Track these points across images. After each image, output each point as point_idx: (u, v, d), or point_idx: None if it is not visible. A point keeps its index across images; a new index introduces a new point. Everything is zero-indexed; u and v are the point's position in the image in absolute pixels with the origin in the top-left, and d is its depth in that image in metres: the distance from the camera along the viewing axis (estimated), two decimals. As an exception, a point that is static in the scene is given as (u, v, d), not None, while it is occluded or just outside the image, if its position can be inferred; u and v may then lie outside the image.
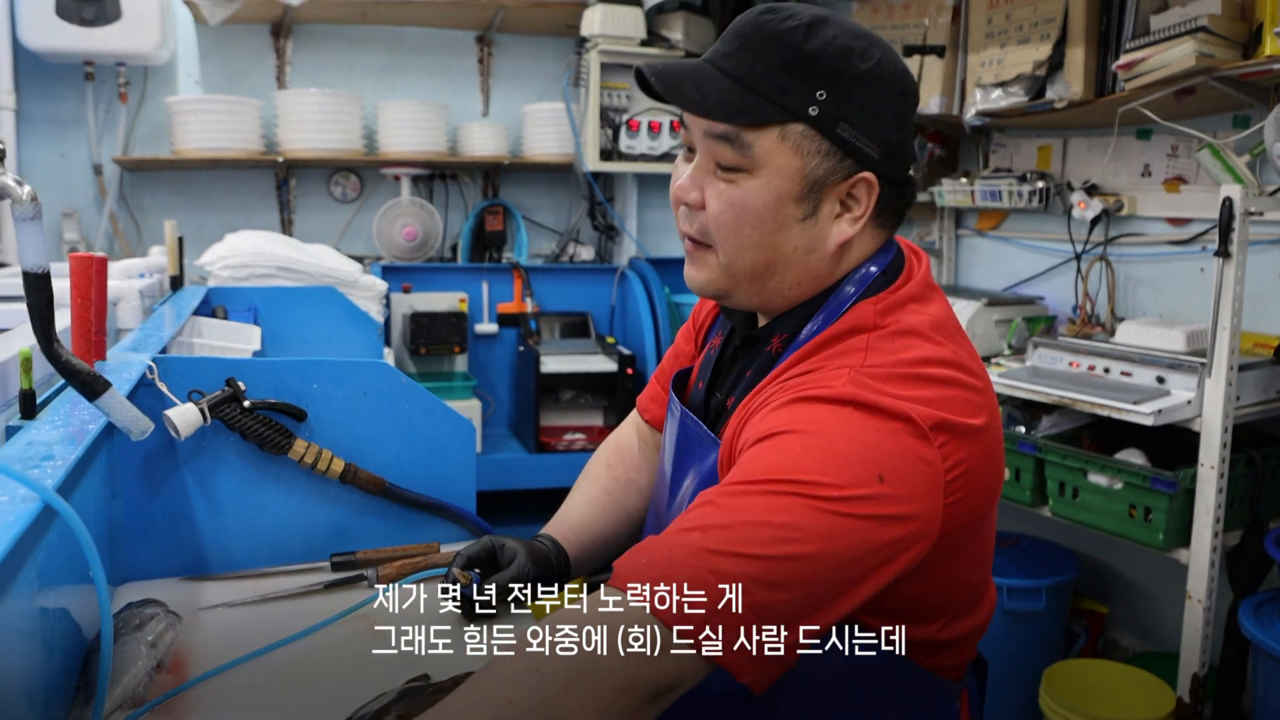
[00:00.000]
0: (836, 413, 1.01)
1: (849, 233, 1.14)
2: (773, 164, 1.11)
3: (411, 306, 3.92)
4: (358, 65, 4.33)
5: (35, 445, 1.07)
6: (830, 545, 0.94)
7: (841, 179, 1.12)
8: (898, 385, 1.03)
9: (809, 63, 1.08)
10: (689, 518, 0.97)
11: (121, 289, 2.07)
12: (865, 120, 1.10)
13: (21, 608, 0.89)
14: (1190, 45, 2.40)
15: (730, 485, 0.98)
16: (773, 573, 0.91)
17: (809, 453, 0.97)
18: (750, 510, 0.94)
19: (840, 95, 1.09)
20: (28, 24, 3.60)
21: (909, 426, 1.00)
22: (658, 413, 1.54)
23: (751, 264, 1.15)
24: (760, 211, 1.12)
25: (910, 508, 0.99)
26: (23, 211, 0.99)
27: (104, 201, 3.98)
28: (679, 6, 4.12)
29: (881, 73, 1.11)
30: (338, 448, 1.64)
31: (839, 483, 0.95)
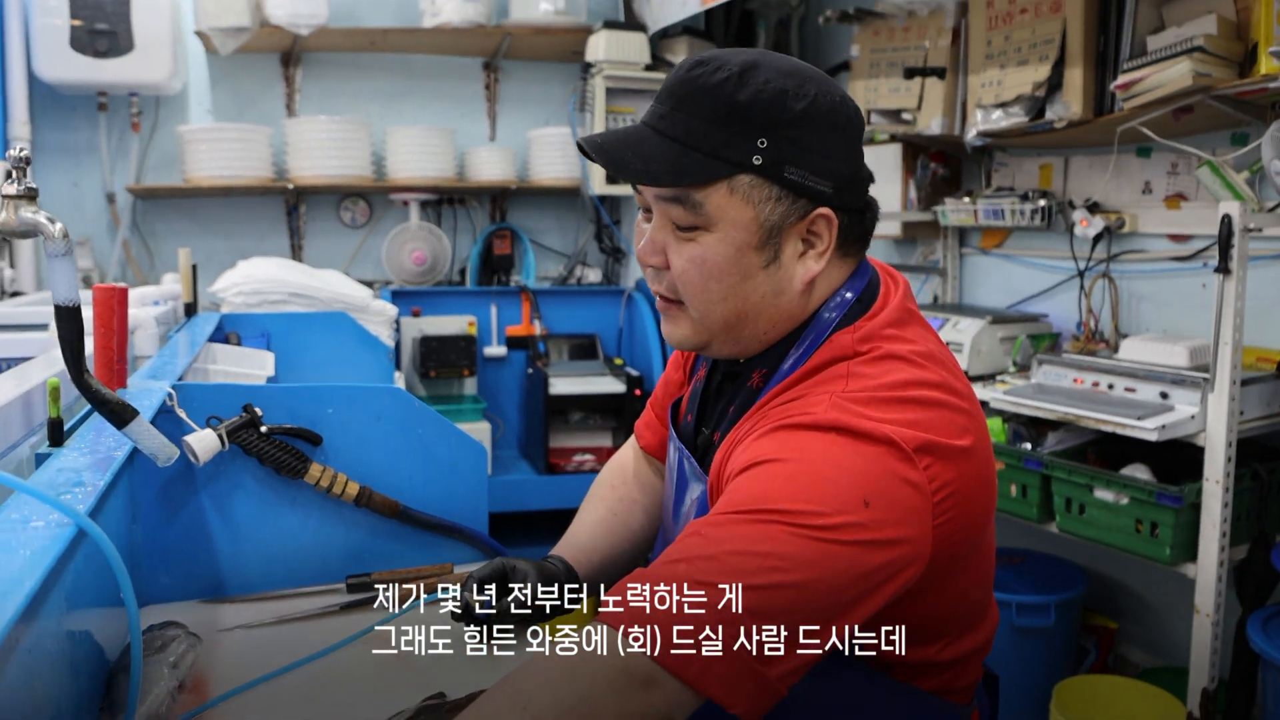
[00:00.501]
0: (819, 439, 1.01)
1: (815, 269, 1.15)
2: (727, 218, 1.10)
3: (421, 330, 3.96)
4: (366, 92, 4.39)
5: (65, 472, 1.10)
6: (817, 573, 0.94)
7: (798, 219, 1.12)
8: (880, 408, 1.04)
9: (745, 113, 1.08)
10: (675, 549, 0.97)
11: (138, 317, 2.11)
12: (811, 158, 1.10)
13: (50, 629, 0.92)
14: (1187, 65, 2.43)
15: (715, 515, 0.99)
16: (759, 602, 0.91)
17: (792, 481, 0.98)
18: (734, 540, 0.94)
19: (781, 139, 1.09)
20: (43, 56, 3.66)
21: (893, 450, 1.00)
22: (650, 439, 1.57)
23: (723, 316, 1.16)
24: (723, 265, 1.12)
25: (898, 531, 0.98)
26: (55, 248, 1.03)
27: (117, 229, 4.04)
28: (682, 31, 4.17)
29: (819, 109, 1.10)
30: (352, 471, 1.67)
31: (823, 510, 0.95)
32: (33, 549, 0.85)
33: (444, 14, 4.05)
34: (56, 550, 0.85)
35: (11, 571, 0.79)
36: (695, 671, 0.89)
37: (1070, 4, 2.81)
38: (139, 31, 3.74)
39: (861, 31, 3.57)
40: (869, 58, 3.52)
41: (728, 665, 0.90)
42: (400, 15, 4.31)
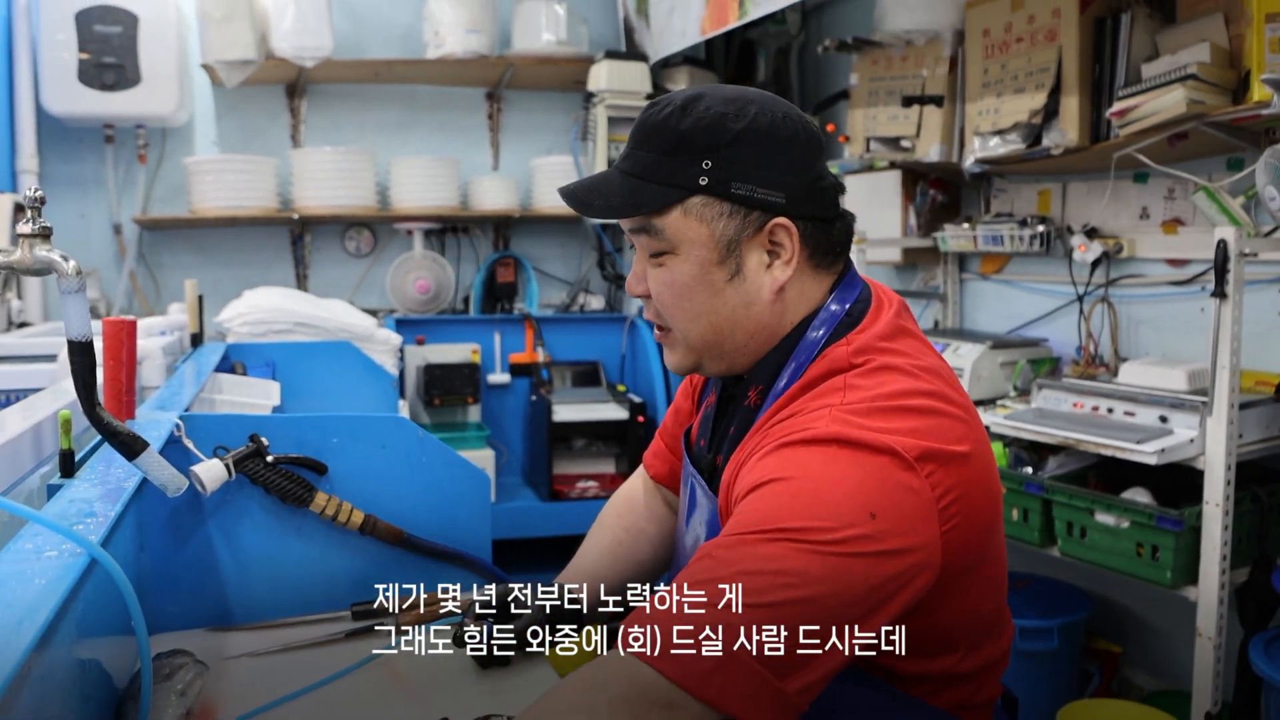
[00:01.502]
0: (820, 453, 1.03)
1: (782, 278, 1.19)
2: (686, 239, 1.18)
3: (425, 358, 3.98)
4: (370, 123, 4.43)
5: (76, 503, 1.12)
6: (829, 587, 0.96)
7: (755, 231, 1.18)
8: (878, 419, 1.06)
9: (687, 140, 1.15)
10: (687, 573, 0.98)
11: (145, 348, 2.13)
12: (756, 173, 1.16)
13: (62, 658, 0.94)
14: (1181, 92, 2.46)
15: (725, 538, 1.01)
16: (773, 620, 0.93)
17: (797, 498, 1.00)
18: (745, 560, 0.96)
19: (723, 158, 1.15)
20: (50, 90, 3.71)
21: (894, 460, 1.03)
22: (660, 468, 1.60)
23: (700, 333, 1.22)
24: (689, 284, 1.19)
25: (906, 540, 1.01)
26: (68, 285, 1.05)
27: (124, 260, 4.07)
28: (683, 61, 4.21)
29: (759, 126, 1.16)
30: (357, 500, 1.69)
31: (830, 525, 0.97)
32: (47, 579, 0.86)
33: (447, 45, 4.09)
34: (70, 580, 0.87)
35: (27, 601, 0.81)
36: (715, 692, 0.91)
37: (1065, 33, 2.84)
38: (146, 65, 3.78)
39: (860, 60, 3.61)
40: (868, 86, 3.55)
41: (746, 684, 0.91)
42: (404, 47, 4.36)
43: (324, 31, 3.93)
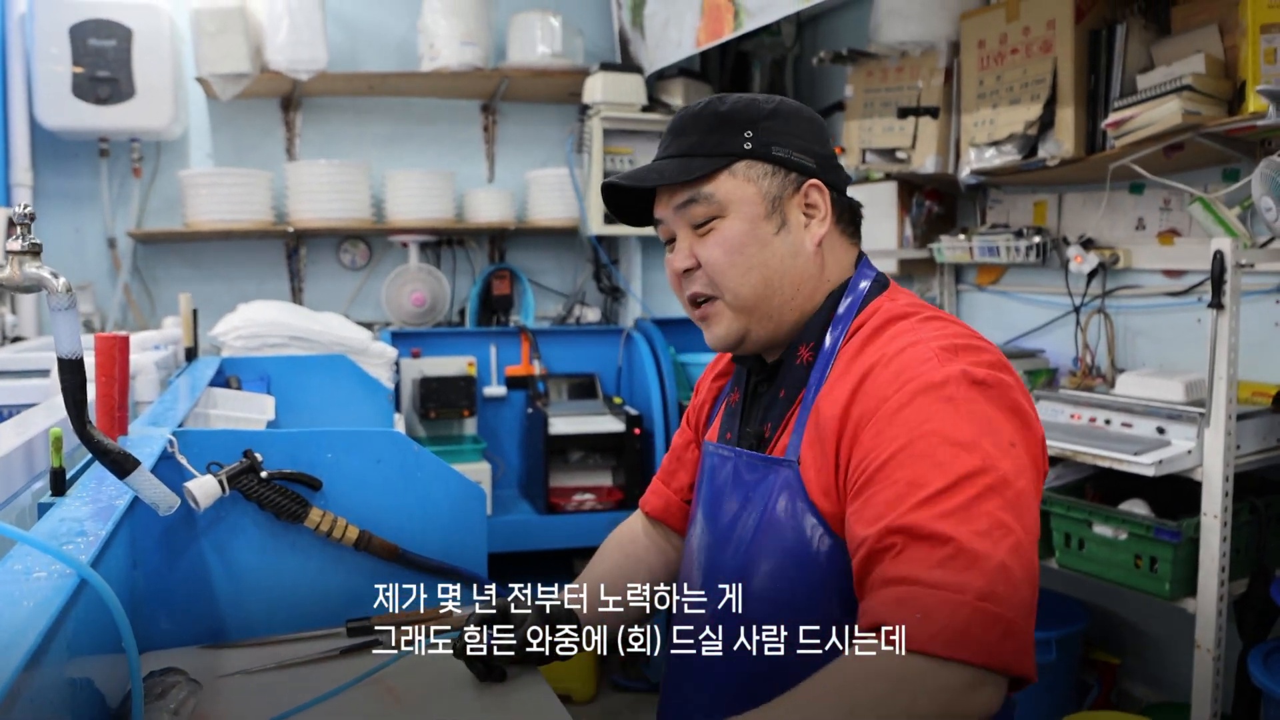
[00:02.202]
0: (945, 396, 1.13)
1: (820, 233, 1.33)
2: (735, 198, 1.31)
3: (421, 371, 3.97)
4: (365, 136, 4.42)
5: (67, 522, 1.11)
6: (1023, 521, 1.07)
7: (794, 190, 1.32)
8: (967, 354, 1.17)
9: (728, 119, 1.32)
10: (918, 554, 1.04)
11: (139, 362, 2.12)
12: (791, 140, 1.32)
13: (53, 679, 0.92)
14: (1176, 103, 2.46)
15: (921, 506, 1.06)
16: (1013, 575, 1.03)
17: (955, 447, 1.09)
18: (963, 524, 1.04)
19: (762, 129, 1.31)
20: (44, 103, 3.70)
21: (1004, 389, 1.15)
22: (656, 503, 1.62)
23: (753, 288, 1.32)
24: (742, 238, 1.31)
25: (1035, 456, 1.15)
26: (58, 302, 1.04)
27: (118, 274, 4.06)
28: (678, 73, 4.21)
29: (786, 108, 1.34)
30: (352, 515, 1.68)
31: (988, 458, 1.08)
32: (36, 600, 0.86)
33: (442, 58, 4.09)
34: (59, 601, 0.86)
35: (15, 623, 0.80)
36: (1008, 660, 1.00)
37: (1061, 44, 2.84)
38: (140, 78, 3.77)
39: (855, 72, 3.61)
40: (863, 97, 3.56)
41: (1020, 641, 1.02)
42: (399, 60, 4.36)
43: (318, 44, 3.92)
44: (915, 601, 1.02)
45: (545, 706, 1.42)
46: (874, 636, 1.03)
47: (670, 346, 4.09)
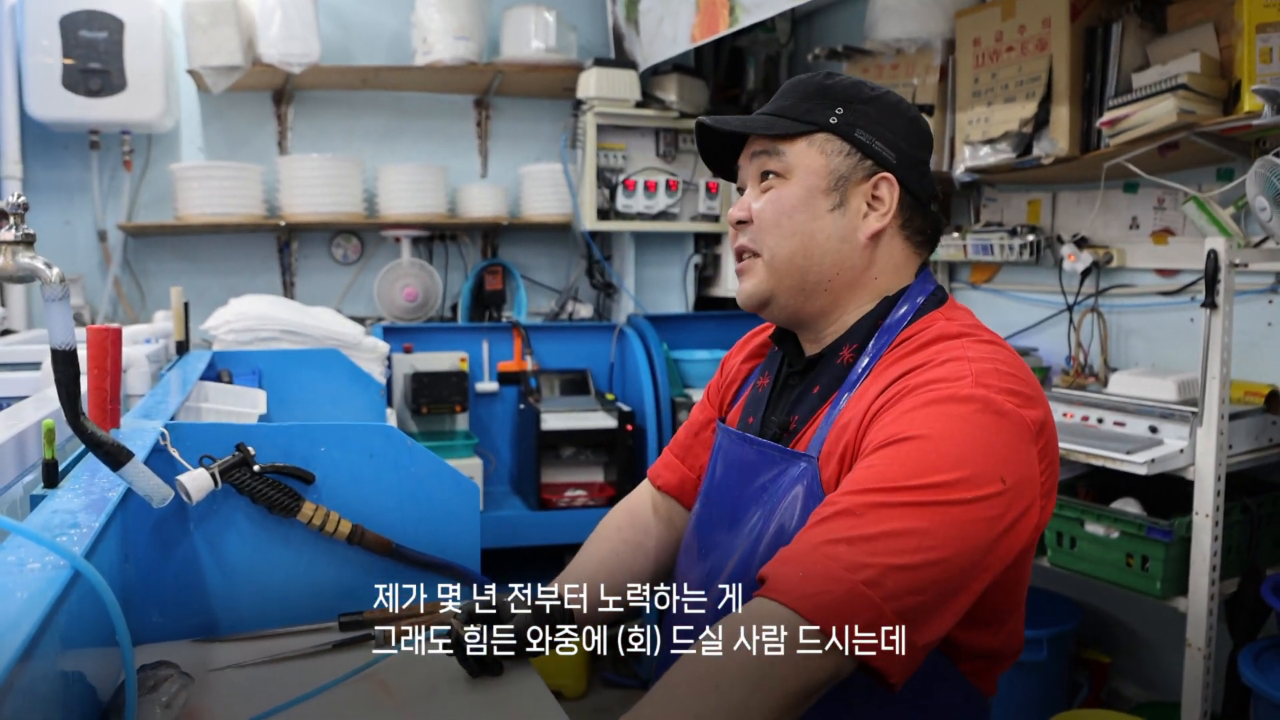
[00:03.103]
0: (963, 412, 1.11)
1: (876, 226, 1.31)
2: (802, 165, 1.31)
3: (413, 366, 3.96)
4: (358, 130, 4.41)
5: (60, 513, 1.10)
6: (960, 547, 1.06)
7: (864, 177, 1.31)
8: (1008, 390, 1.15)
9: (827, 91, 1.33)
10: (833, 527, 1.06)
11: (131, 355, 2.11)
12: (878, 130, 1.31)
13: (45, 671, 0.92)
14: (1171, 102, 2.47)
15: (870, 492, 1.07)
16: (916, 580, 1.03)
17: (943, 457, 1.08)
18: (890, 520, 1.05)
19: (854, 111, 1.31)
20: (35, 95, 3.68)
21: (1024, 431, 1.13)
22: (670, 478, 1.60)
23: (789, 252, 1.31)
24: (794, 203, 1.31)
25: (1024, 506, 1.12)
26: (52, 292, 1.03)
27: (108, 267, 4.04)
28: (672, 69, 4.20)
29: (889, 99, 1.34)
30: (345, 509, 1.67)
31: (967, 484, 1.07)
32: (29, 591, 0.85)
33: (435, 52, 4.08)
34: (53, 593, 0.85)
35: (8, 614, 0.79)
36: (862, 644, 1.00)
37: (1056, 43, 2.85)
38: (131, 70, 3.75)
39: (850, 69, 3.61)
40: (857, 95, 3.55)
41: (890, 639, 1.01)
42: (392, 53, 4.35)
43: (311, 38, 3.91)
44: (804, 561, 1.05)
45: (539, 702, 1.41)
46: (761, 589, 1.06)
47: (663, 343, 4.09)
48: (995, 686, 1.32)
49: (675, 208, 4.26)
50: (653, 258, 4.55)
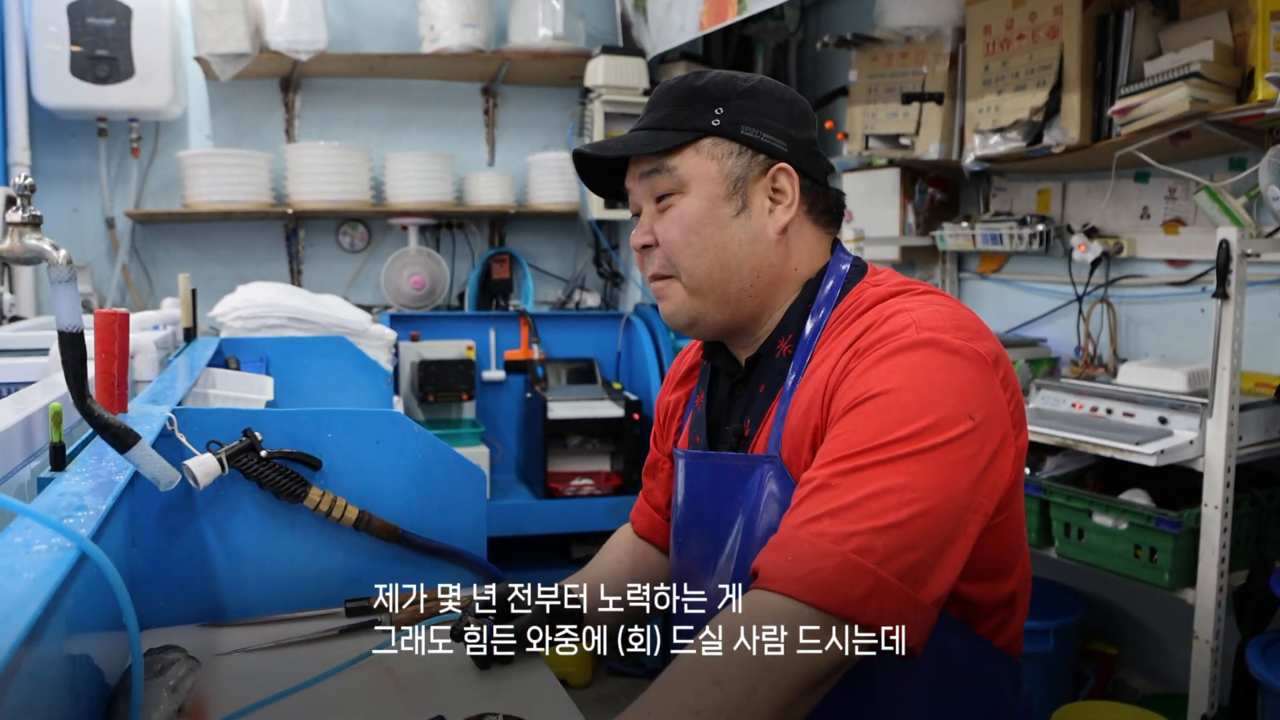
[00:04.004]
0: (916, 359, 1.10)
1: (784, 219, 1.28)
2: (696, 175, 1.27)
3: (420, 354, 3.96)
4: (365, 118, 4.41)
5: (67, 496, 1.10)
6: (944, 493, 1.04)
7: (760, 172, 1.28)
8: (954, 327, 1.13)
9: (701, 93, 1.29)
10: (811, 505, 1.04)
11: (138, 341, 2.11)
12: (762, 120, 1.28)
13: (52, 653, 0.91)
14: (1184, 90, 2.45)
15: (840, 460, 1.06)
16: (906, 536, 1.00)
17: (906, 409, 1.06)
18: (867, 483, 1.03)
19: (733, 107, 1.27)
20: (43, 82, 3.68)
21: (981, 364, 1.11)
22: (642, 523, 1.62)
23: (707, 269, 1.27)
24: (699, 217, 1.27)
25: (997, 440, 1.10)
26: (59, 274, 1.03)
27: (116, 254, 4.04)
28: (680, 56, 4.19)
29: (764, 87, 1.30)
30: (351, 495, 1.67)
31: (937, 429, 1.05)
32: (36, 573, 0.84)
33: (443, 39, 4.07)
34: (59, 574, 0.85)
35: (15, 595, 0.79)
36: (873, 614, 0.98)
37: (1068, 30, 2.83)
38: (139, 57, 3.75)
39: (859, 57, 3.59)
40: (867, 83, 3.54)
41: (895, 602, 0.99)
42: (399, 41, 4.34)
43: (318, 25, 3.90)
44: (791, 544, 1.03)
45: (545, 690, 1.41)
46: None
47: (670, 332, 4.08)
48: (1021, 643, 1.30)
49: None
50: (660, 247, 4.53)
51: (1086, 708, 2.84)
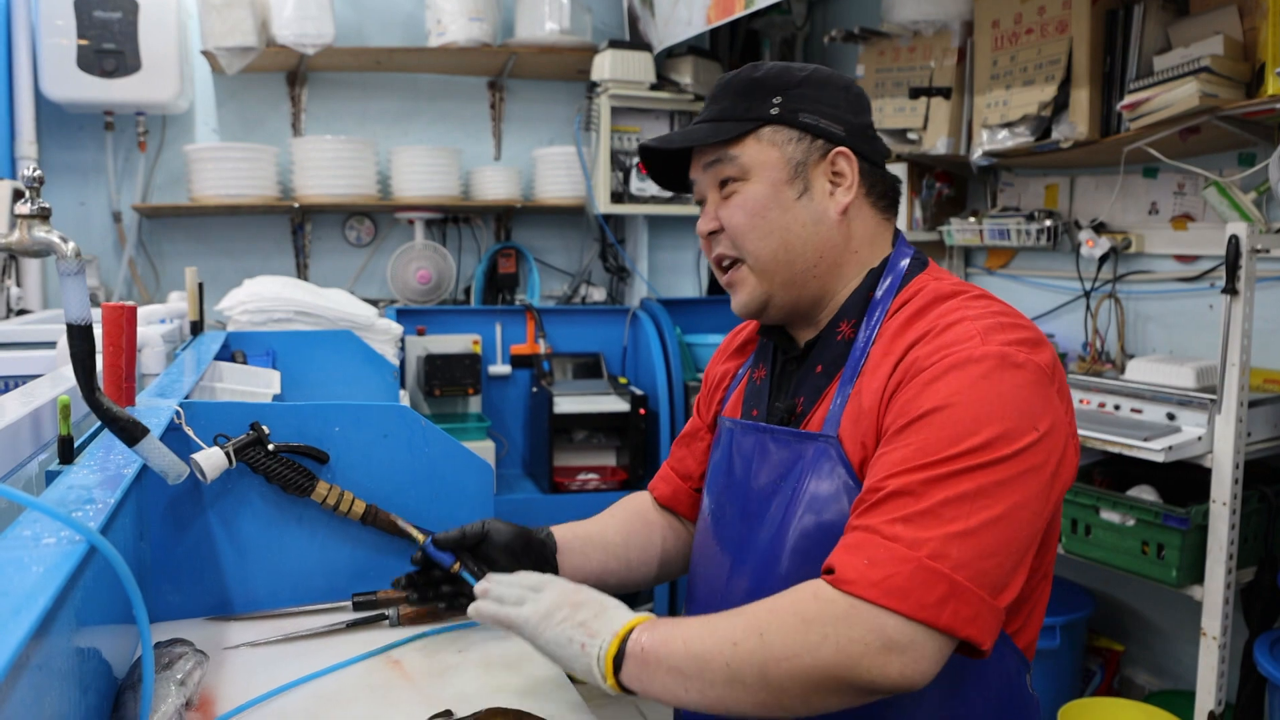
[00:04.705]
0: (981, 372, 1.12)
1: (845, 200, 1.32)
2: (758, 162, 1.31)
3: (426, 349, 3.96)
4: (371, 112, 4.40)
5: (75, 489, 1.10)
6: (1014, 500, 1.08)
7: (820, 156, 1.32)
8: (1016, 341, 1.16)
9: (759, 84, 1.33)
10: (887, 510, 1.08)
11: (145, 335, 2.11)
12: (820, 107, 1.32)
13: (61, 646, 0.91)
14: (1193, 85, 2.44)
15: (915, 470, 1.09)
16: (980, 544, 1.05)
17: (976, 420, 1.09)
18: (941, 490, 1.06)
19: (791, 96, 1.32)
20: (49, 76, 3.68)
21: (1042, 377, 1.14)
22: (664, 489, 1.62)
23: (772, 251, 1.32)
24: (762, 201, 1.31)
25: (1060, 450, 1.14)
26: (67, 267, 1.03)
27: (123, 248, 4.04)
28: (687, 51, 4.19)
29: (819, 75, 1.34)
30: (359, 489, 1.67)
31: (1004, 437, 1.09)
32: (45, 566, 0.84)
33: (449, 34, 4.06)
34: (68, 567, 0.85)
35: (25, 588, 0.79)
36: (948, 620, 1.02)
37: (1077, 24, 2.82)
38: (146, 51, 3.75)
39: (867, 51, 3.58)
40: (874, 77, 3.53)
41: (972, 607, 1.03)
42: (406, 35, 4.34)
43: (325, 19, 3.90)
44: (866, 547, 1.06)
45: (552, 682, 1.41)
46: (823, 576, 1.08)
47: (676, 327, 4.08)
48: (1035, 648, 1.32)
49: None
50: (666, 241, 4.53)
51: (1093, 704, 2.84)
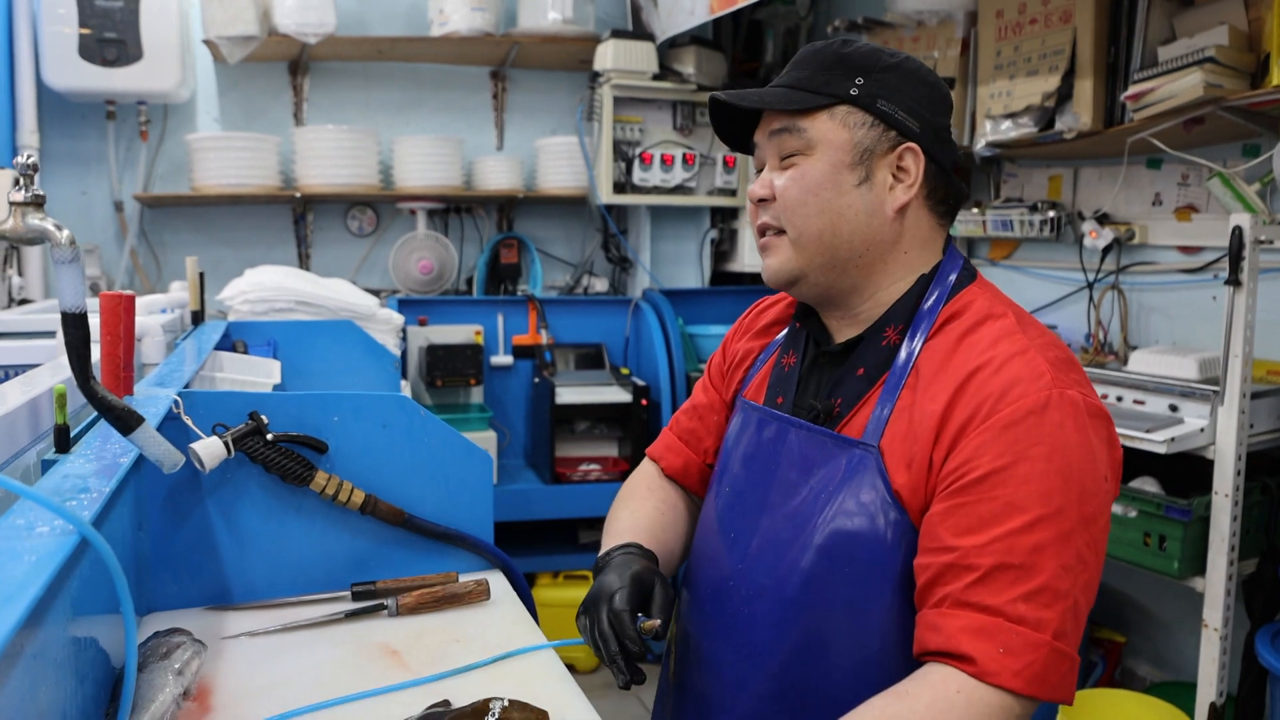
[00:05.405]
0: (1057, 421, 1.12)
1: (904, 199, 1.27)
2: (825, 140, 1.26)
3: (427, 339, 3.95)
4: (374, 102, 4.39)
5: (71, 478, 1.10)
6: (1100, 555, 1.13)
7: (888, 149, 1.26)
8: (1076, 382, 1.17)
9: (845, 60, 1.28)
10: (1002, 584, 1.08)
11: (145, 324, 2.10)
12: (900, 98, 1.27)
13: (55, 636, 0.91)
14: (1198, 76, 2.43)
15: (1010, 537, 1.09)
16: (1082, 609, 1.10)
17: (1063, 475, 1.10)
18: (1047, 561, 1.08)
19: (874, 80, 1.26)
20: (51, 65, 3.67)
21: (1106, 420, 1.17)
22: (674, 462, 1.55)
23: (818, 230, 1.27)
24: (820, 180, 1.26)
25: (1116, 486, 1.18)
26: (62, 254, 1.02)
27: (125, 238, 4.04)
28: (690, 41, 4.17)
29: (909, 66, 1.29)
30: (358, 479, 1.67)
31: (1086, 493, 1.11)
32: (37, 555, 0.84)
33: (451, 23, 4.05)
34: (61, 557, 0.84)
35: (16, 577, 0.78)
36: (1065, 692, 1.08)
37: (1081, 14, 2.80)
38: (147, 40, 3.74)
39: (870, 40, 3.57)
40: (877, 68, 3.51)
41: (1074, 671, 1.09)
42: (408, 24, 4.33)
43: (327, 8, 3.89)
44: (998, 634, 1.06)
45: (551, 675, 1.41)
46: (951, 662, 1.08)
47: (679, 317, 4.07)
48: None
49: (692, 181, 4.23)
50: (669, 232, 4.52)
51: (1094, 696, 2.84)
